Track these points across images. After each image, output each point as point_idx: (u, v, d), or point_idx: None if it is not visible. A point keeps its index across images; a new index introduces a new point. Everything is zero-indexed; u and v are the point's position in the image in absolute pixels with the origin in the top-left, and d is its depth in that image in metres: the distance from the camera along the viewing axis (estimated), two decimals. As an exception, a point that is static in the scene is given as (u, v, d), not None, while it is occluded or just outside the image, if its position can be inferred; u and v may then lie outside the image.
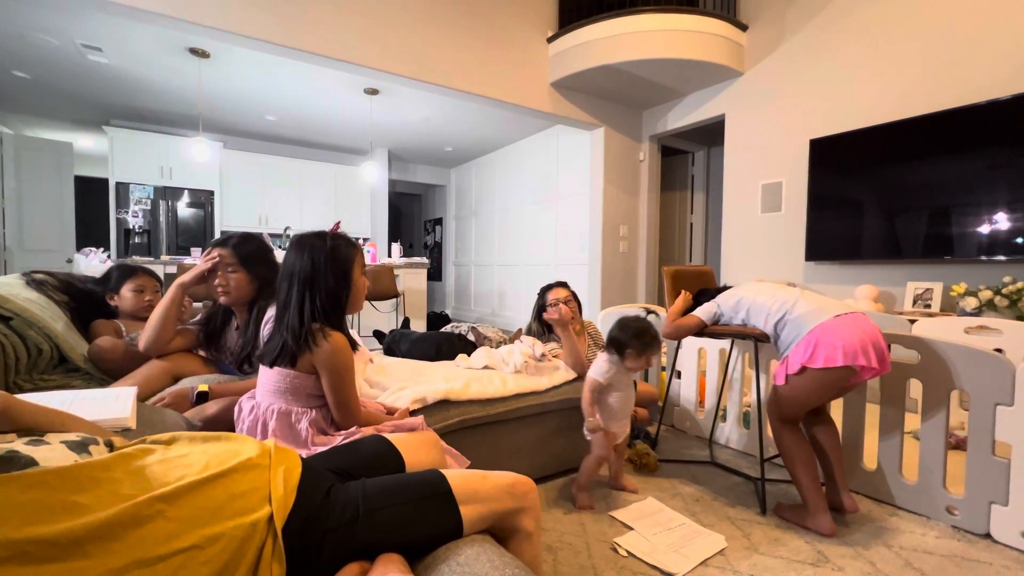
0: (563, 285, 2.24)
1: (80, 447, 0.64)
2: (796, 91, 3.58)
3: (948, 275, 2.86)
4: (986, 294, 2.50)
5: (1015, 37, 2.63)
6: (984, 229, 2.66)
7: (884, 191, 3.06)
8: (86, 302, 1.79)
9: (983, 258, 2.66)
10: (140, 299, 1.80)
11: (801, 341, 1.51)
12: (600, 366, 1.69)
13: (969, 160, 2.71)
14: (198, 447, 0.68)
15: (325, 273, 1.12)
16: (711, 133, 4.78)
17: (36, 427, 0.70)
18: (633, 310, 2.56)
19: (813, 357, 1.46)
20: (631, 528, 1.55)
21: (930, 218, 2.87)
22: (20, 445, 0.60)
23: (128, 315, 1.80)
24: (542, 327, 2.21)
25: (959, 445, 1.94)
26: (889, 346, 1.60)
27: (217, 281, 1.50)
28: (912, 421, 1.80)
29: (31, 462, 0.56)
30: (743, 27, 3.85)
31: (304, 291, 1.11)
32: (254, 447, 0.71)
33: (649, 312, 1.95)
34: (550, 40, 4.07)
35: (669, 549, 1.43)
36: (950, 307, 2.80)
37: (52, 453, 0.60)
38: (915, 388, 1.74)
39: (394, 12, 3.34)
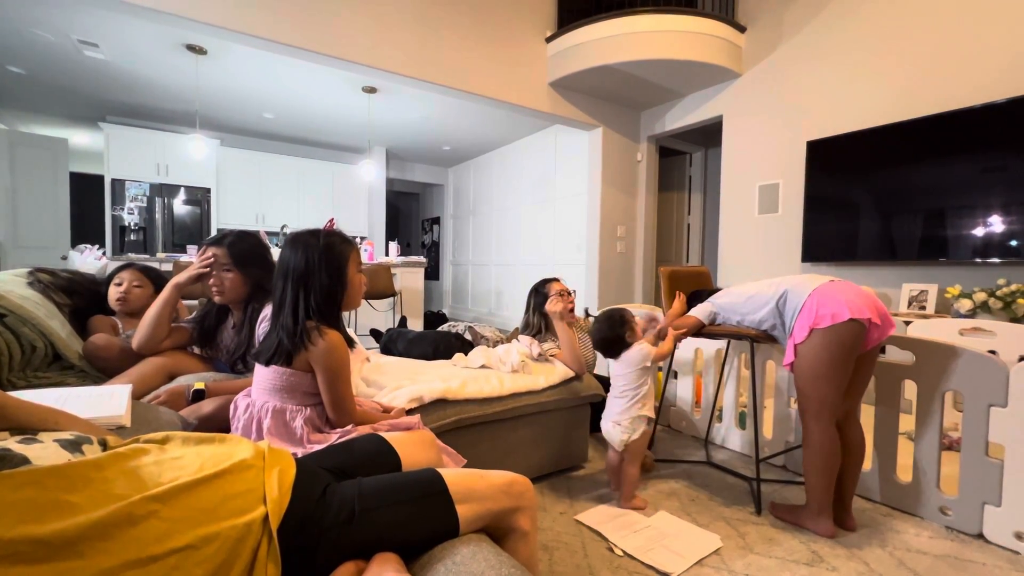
0: (557, 280, 2.25)
1: (73, 446, 0.63)
2: (794, 93, 3.59)
3: (943, 277, 2.88)
4: (980, 296, 2.52)
5: (1011, 40, 2.64)
6: (978, 231, 2.68)
7: (880, 193, 3.07)
8: (92, 301, 1.79)
9: (977, 260, 2.68)
10: (115, 291, 1.76)
11: (803, 307, 1.49)
12: (646, 348, 1.74)
13: (964, 163, 2.72)
14: (192, 449, 0.68)
15: (319, 271, 1.11)
16: (709, 134, 4.79)
17: (29, 425, 0.70)
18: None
19: (818, 317, 1.44)
20: (598, 532, 1.53)
21: (925, 220, 2.89)
22: (13, 443, 0.60)
23: (120, 311, 1.79)
24: (543, 320, 2.20)
25: (953, 446, 1.96)
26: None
27: (211, 281, 1.50)
28: (906, 422, 1.81)
29: (23, 460, 0.56)
30: (741, 28, 3.86)
31: (298, 289, 1.10)
32: (248, 449, 0.70)
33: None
34: (549, 40, 4.07)
35: (664, 549, 1.43)
36: (945, 309, 2.82)
37: (45, 452, 0.60)
38: (910, 389, 1.75)
39: (393, 10, 3.33)
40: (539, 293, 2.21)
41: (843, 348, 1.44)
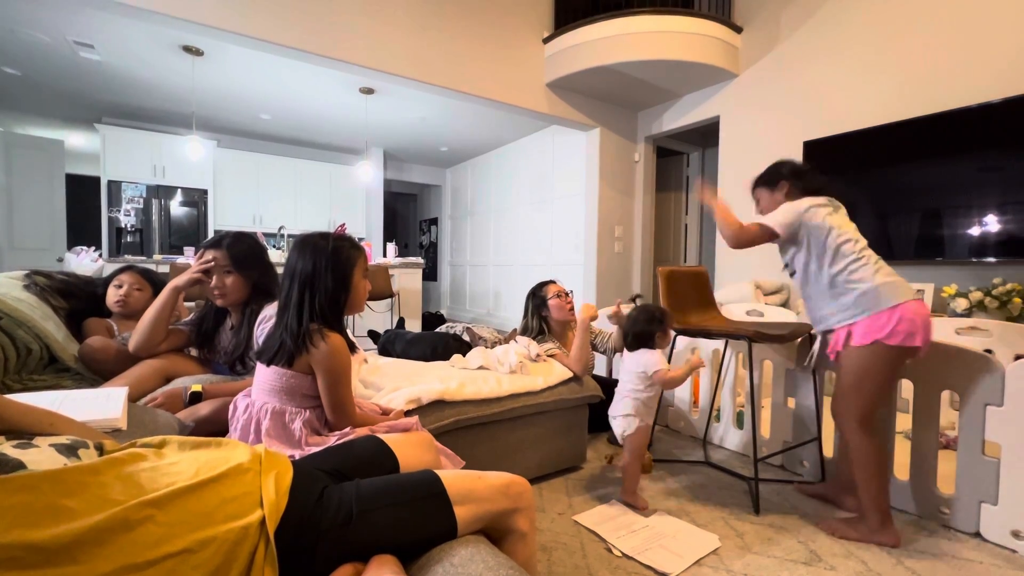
0: (554, 283, 2.26)
1: (69, 451, 0.63)
2: (790, 93, 3.60)
3: (939, 276, 2.89)
4: (976, 295, 2.53)
5: (1008, 40, 2.65)
6: (975, 231, 2.69)
7: (877, 193, 3.08)
8: (89, 303, 1.78)
9: (973, 259, 2.69)
10: (115, 293, 1.76)
11: (882, 313, 1.43)
12: (659, 359, 1.70)
13: (961, 162, 2.73)
14: (188, 454, 0.68)
15: (325, 275, 1.11)
16: (706, 134, 4.80)
17: (25, 427, 0.69)
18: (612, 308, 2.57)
19: (893, 333, 1.40)
20: (597, 533, 1.53)
21: (922, 220, 2.90)
22: (8, 447, 0.59)
23: (118, 314, 1.78)
24: (542, 323, 2.20)
25: (950, 445, 1.96)
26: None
27: (213, 284, 1.49)
28: (904, 421, 1.81)
29: (19, 465, 0.56)
30: (738, 29, 3.87)
31: (304, 291, 1.10)
32: (245, 453, 0.70)
33: (638, 296, 2.02)
34: (546, 41, 4.07)
35: (663, 549, 1.43)
36: (941, 308, 2.83)
37: (40, 456, 0.59)
38: (907, 388, 1.76)
39: (390, 11, 3.33)
40: (536, 296, 2.22)
41: (895, 367, 1.48)
